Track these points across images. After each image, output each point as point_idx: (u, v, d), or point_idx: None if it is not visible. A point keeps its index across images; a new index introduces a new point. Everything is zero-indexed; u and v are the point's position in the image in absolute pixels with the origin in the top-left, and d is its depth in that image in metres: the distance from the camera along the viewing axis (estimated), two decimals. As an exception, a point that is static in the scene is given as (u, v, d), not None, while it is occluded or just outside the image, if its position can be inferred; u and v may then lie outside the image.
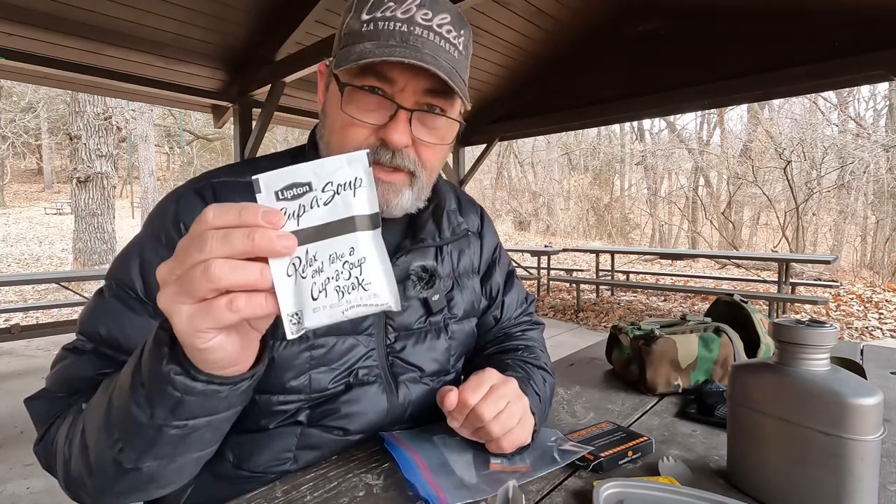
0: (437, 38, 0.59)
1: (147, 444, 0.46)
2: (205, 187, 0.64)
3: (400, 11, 0.58)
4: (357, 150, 0.42)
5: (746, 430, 0.58)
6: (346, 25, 0.61)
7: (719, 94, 4.36)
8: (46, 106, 18.07)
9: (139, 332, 0.57)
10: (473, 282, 0.83)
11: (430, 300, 0.73)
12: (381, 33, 0.58)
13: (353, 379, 0.67)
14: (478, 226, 0.88)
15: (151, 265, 0.59)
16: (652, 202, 17.56)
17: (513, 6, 4.30)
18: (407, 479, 0.58)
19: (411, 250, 0.72)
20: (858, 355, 1.15)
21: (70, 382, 0.57)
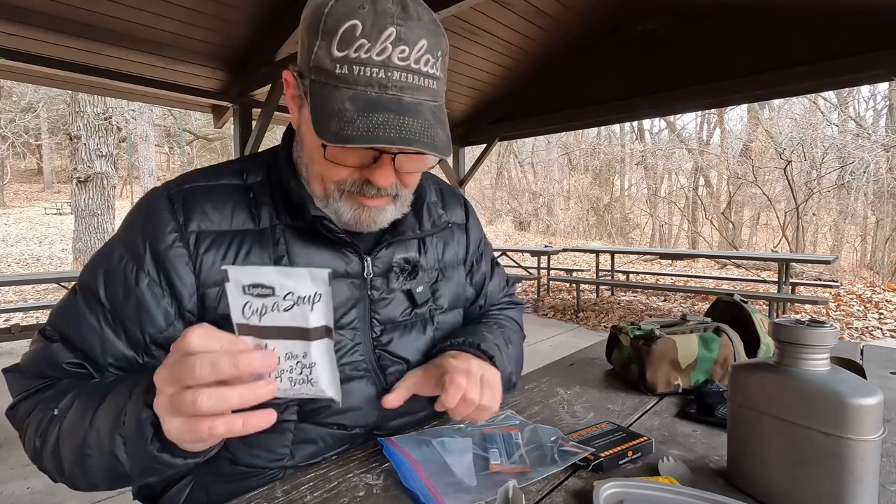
0: (416, 78, 0.57)
1: (123, 480, 0.54)
2: (176, 194, 0.65)
3: (375, 53, 0.55)
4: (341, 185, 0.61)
5: (746, 430, 0.58)
6: (316, 55, 0.57)
7: (719, 94, 4.36)
8: (46, 106, 18.06)
9: (92, 333, 0.60)
10: (458, 273, 0.84)
11: (414, 292, 0.74)
12: (357, 80, 0.55)
13: (341, 375, 0.67)
14: (462, 218, 0.88)
15: (115, 271, 0.61)
16: (652, 202, 17.56)
17: (513, 6, 4.29)
18: (407, 487, 0.58)
19: (392, 243, 0.72)
20: (858, 355, 1.15)
21: (39, 367, 0.61)
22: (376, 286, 0.71)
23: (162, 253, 0.61)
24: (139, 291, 0.61)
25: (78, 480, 0.56)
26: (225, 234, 0.64)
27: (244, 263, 0.63)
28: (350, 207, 0.64)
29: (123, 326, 0.61)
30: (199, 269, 0.62)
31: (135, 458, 0.50)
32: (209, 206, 0.64)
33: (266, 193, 0.68)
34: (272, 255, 0.65)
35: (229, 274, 0.43)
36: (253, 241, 0.65)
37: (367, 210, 0.64)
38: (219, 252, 0.63)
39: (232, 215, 0.65)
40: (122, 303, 0.61)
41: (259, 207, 0.67)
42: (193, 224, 0.63)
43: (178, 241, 0.62)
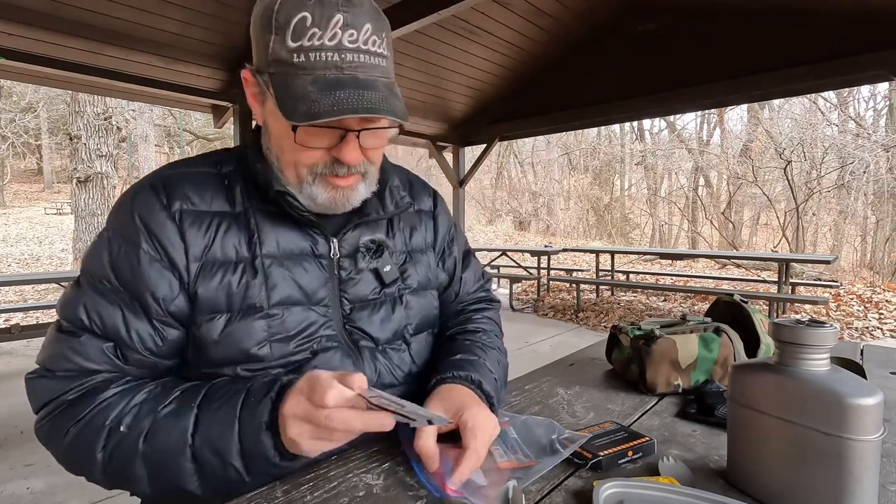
0: (367, 58, 0.63)
1: (228, 486, 0.59)
2: (156, 180, 0.69)
3: (327, 39, 0.60)
4: (313, 168, 0.67)
5: (746, 430, 0.58)
6: (273, 49, 0.62)
7: (719, 94, 4.36)
8: (46, 106, 18.06)
9: (116, 319, 0.64)
10: (428, 257, 0.87)
11: (381, 271, 0.77)
12: (314, 66, 0.61)
13: (317, 346, 0.70)
14: (430, 206, 0.92)
15: (118, 257, 0.65)
16: (652, 202, 17.56)
17: (513, 6, 4.29)
18: (419, 476, 0.59)
19: (358, 225, 0.76)
20: (858, 355, 1.15)
21: (72, 363, 0.63)
22: (344, 266, 0.75)
23: (155, 230, 0.65)
24: (143, 268, 0.65)
25: (142, 490, 0.61)
26: (205, 214, 0.69)
27: (222, 242, 0.68)
28: (324, 190, 0.69)
29: (140, 303, 0.65)
30: (186, 244, 0.66)
31: (256, 465, 0.58)
32: (189, 190, 0.69)
33: (238, 181, 0.72)
34: (245, 236, 0.69)
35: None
36: (230, 221, 0.69)
37: (341, 191, 0.69)
38: (200, 229, 0.67)
39: (210, 198, 0.70)
40: (132, 282, 0.65)
41: (233, 193, 0.71)
42: (177, 204, 0.67)
43: (167, 218, 0.66)
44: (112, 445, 0.59)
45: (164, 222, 0.66)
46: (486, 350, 0.83)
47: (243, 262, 0.68)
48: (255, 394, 0.60)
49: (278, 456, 0.57)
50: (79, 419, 0.61)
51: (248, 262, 0.68)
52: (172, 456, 0.58)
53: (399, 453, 0.67)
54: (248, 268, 0.68)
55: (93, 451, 0.59)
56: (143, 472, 0.59)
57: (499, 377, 0.80)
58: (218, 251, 0.68)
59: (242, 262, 0.68)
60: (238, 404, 0.60)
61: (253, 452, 0.58)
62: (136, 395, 0.62)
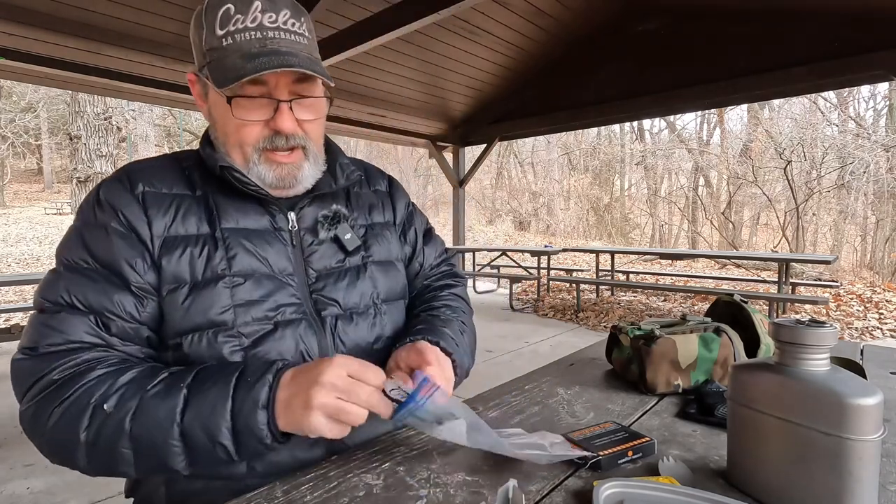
0: (286, 35, 0.70)
1: (215, 465, 0.62)
2: (120, 173, 0.74)
3: (249, 21, 0.68)
4: (255, 145, 0.73)
5: (746, 430, 0.58)
6: (206, 41, 0.70)
7: (719, 94, 4.37)
8: (46, 106, 18.06)
9: (98, 292, 0.66)
10: (390, 232, 0.90)
11: (342, 238, 0.80)
12: (241, 45, 0.68)
13: (280, 318, 0.72)
14: (386, 187, 0.96)
15: (91, 239, 0.69)
16: (652, 202, 17.56)
17: (513, 6, 4.30)
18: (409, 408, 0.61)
19: (314, 199, 0.80)
20: (858, 355, 1.15)
21: (53, 339, 0.64)
22: (306, 240, 0.78)
23: (122, 208, 0.70)
24: (116, 243, 0.68)
25: (126, 471, 0.61)
26: (166, 196, 0.73)
27: (183, 220, 0.72)
28: (269, 168, 0.74)
29: (118, 275, 0.68)
30: (149, 221, 0.70)
31: (246, 444, 0.60)
32: (150, 176, 0.74)
33: (196, 169, 0.78)
34: (205, 214, 0.73)
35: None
36: (190, 203, 0.74)
37: (286, 167, 0.74)
38: (161, 209, 0.71)
39: (171, 183, 0.74)
40: (108, 257, 0.68)
41: (192, 178, 0.76)
42: (140, 186, 0.72)
43: (132, 199, 0.71)
44: (97, 425, 0.59)
45: (130, 202, 0.70)
46: (448, 322, 0.85)
47: (204, 236, 0.72)
48: (252, 374, 0.61)
49: (270, 437, 0.59)
50: (63, 399, 0.61)
51: (208, 236, 0.72)
52: (160, 434, 0.59)
53: (399, 453, 0.67)
54: (208, 241, 0.72)
55: (76, 432, 0.59)
56: (129, 452, 0.59)
57: (460, 343, 0.82)
58: (180, 228, 0.71)
59: (203, 236, 0.72)
60: (232, 383, 0.60)
61: (244, 432, 0.59)
62: (122, 376, 0.62)
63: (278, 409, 0.59)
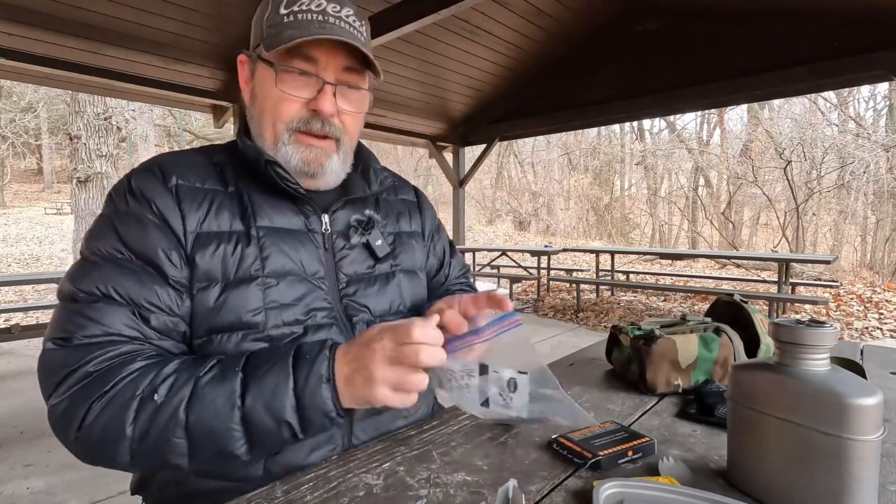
0: (346, 26, 0.71)
1: (276, 445, 0.62)
2: (151, 163, 0.72)
3: (314, 5, 0.70)
4: (289, 124, 0.72)
5: (746, 430, 0.58)
6: (268, 18, 0.72)
7: (719, 94, 4.36)
8: (46, 106, 18.06)
9: (135, 283, 0.64)
10: (416, 244, 0.91)
11: (373, 245, 0.80)
12: (301, 23, 0.69)
13: (311, 322, 0.71)
14: (413, 198, 0.97)
15: (125, 230, 0.66)
16: (652, 202, 17.56)
17: (513, 6, 4.30)
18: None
19: (347, 203, 0.80)
20: (858, 355, 1.15)
21: (94, 325, 0.61)
22: (337, 244, 0.78)
23: (156, 200, 0.67)
24: (151, 234, 0.66)
25: (178, 462, 0.58)
26: (199, 190, 0.71)
27: (216, 216, 0.70)
28: (297, 149, 0.73)
29: (154, 266, 0.66)
30: (183, 215, 0.68)
31: (312, 420, 0.59)
32: (183, 170, 0.72)
33: (229, 165, 0.76)
34: (239, 210, 0.72)
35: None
36: (223, 199, 0.72)
37: (314, 150, 0.73)
38: (194, 203, 0.69)
39: (204, 179, 0.73)
40: (143, 248, 0.66)
41: (225, 175, 0.75)
42: (172, 179, 0.70)
43: (165, 191, 0.69)
44: (145, 417, 0.57)
45: (164, 193, 0.68)
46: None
47: (237, 233, 0.70)
48: (308, 352, 0.61)
49: (335, 410, 0.58)
50: (104, 392, 0.57)
51: (242, 233, 0.70)
52: (219, 420, 0.57)
53: (399, 453, 0.67)
54: (242, 238, 0.70)
55: (122, 426, 0.56)
56: (184, 441, 0.57)
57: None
58: (213, 224, 0.69)
59: (237, 233, 0.70)
60: (290, 362, 0.60)
61: (310, 407, 0.58)
62: (167, 366, 0.60)
63: (339, 384, 0.59)
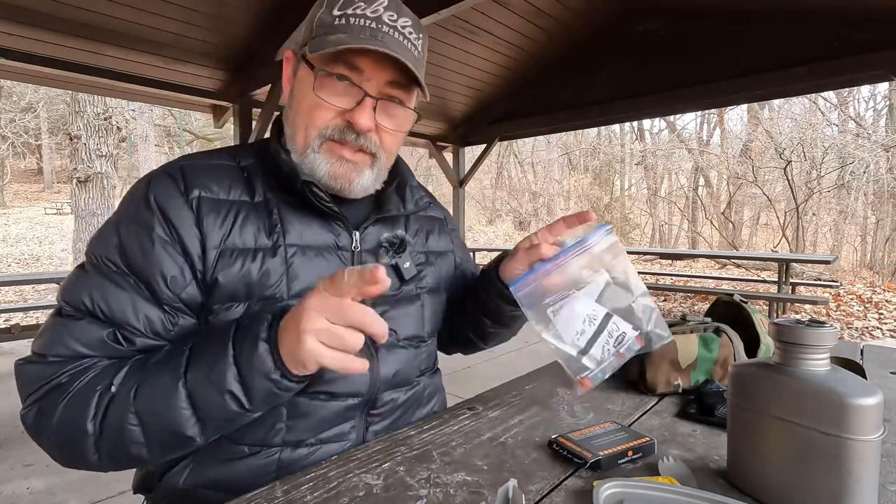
0: (400, 37, 0.67)
1: (228, 422, 0.58)
2: (174, 168, 0.68)
3: (369, 11, 0.65)
4: (322, 131, 0.68)
5: (746, 430, 0.58)
6: (318, 19, 0.67)
7: (719, 94, 4.36)
8: (46, 106, 18.05)
9: (123, 303, 0.62)
10: (444, 262, 0.89)
11: (401, 267, 0.78)
12: (352, 27, 0.65)
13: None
14: (442, 216, 0.95)
15: (128, 241, 0.63)
16: (652, 202, 17.55)
17: (513, 6, 4.29)
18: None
19: (378, 220, 0.77)
20: (858, 355, 1.15)
21: (68, 347, 0.60)
22: (365, 261, 0.74)
23: (171, 215, 0.64)
24: (156, 252, 0.63)
25: (138, 454, 0.58)
26: (223, 203, 0.67)
27: (240, 231, 0.67)
28: (327, 160, 0.68)
29: (149, 287, 0.63)
30: (203, 232, 0.65)
31: (255, 386, 0.55)
32: (207, 178, 0.68)
33: (258, 173, 0.72)
34: (266, 224, 0.68)
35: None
36: (249, 210, 0.68)
37: (345, 164, 0.69)
38: (218, 218, 0.66)
39: (229, 187, 0.69)
40: (142, 266, 0.63)
41: (253, 184, 0.71)
42: (195, 191, 0.66)
43: (184, 204, 0.65)
44: (102, 411, 0.56)
45: (181, 208, 0.64)
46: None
47: (262, 250, 0.67)
48: (249, 318, 0.59)
49: (279, 371, 0.55)
50: (67, 394, 0.58)
51: (268, 250, 0.67)
52: (165, 400, 0.56)
53: (399, 453, 0.67)
54: (268, 256, 0.67)
55: (83, 423, 0.56)
56: (137, 428, 0.56)
57: None
58: (237, 239, 0.66)
59: (262, 250, 0.67)
60: (231, 331, 0.58)
61: (250, 372, 0.55)
62: (128, 362, 0.60)
63: (280, 344, 0.55)
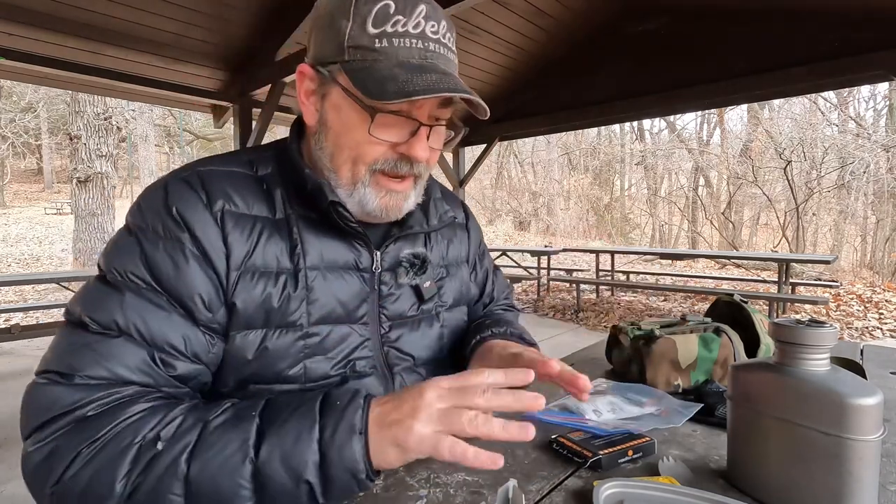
0: (445, 51, 0.62)
1: None
2: (191, 175, 0.63)
3: (411, 26, 0.59)
4: (373, 165, 0.63)
5: (746, 430, 0.58)
6: (350, 37, 0.59)
7: (719, 94, 4.36)
8: (46, 106, 18.06)
9: (161, 322, 0.56)
10: (462, 271, 0.85)
11: (421, 287, 0.74)
12: (398, 52, 0.58)
13: (351, 371, 0.67)
14: (463, 218, 0.90)
15: (156, 257, 0.57)
16: (652, 202, 17.55)
17: (513, 6, 4.29)
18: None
19: (400, 238, 0.72)
20: (858, 355, 1.15)
21: (106, 367, 0.52)
22: (385, 281, 0.71)
23: (197, 229, 0.59)
24: (190, 268, 0.58)
25: None
26: (247, 218, 0.63)
27: (263, 251, 0.63)
28: (377, 194, 0.64)
29: (184, 307, 0.57)
30: (228, 249, 0.60)
31: (336, 480, 0.48)
32: (229, 189, 0.63)
33: (278, 185, 0.67)
34: (287, 246, 0.64)
35: None
36: (272, 228, 0.64)
37: (394, 196, 0.65)
38: (243, 234, 0.62)
39: (251, 201, 0.64)
40: (175, 284, 0.57)
41: (273, 197, 0.66)
42: (218, 203, 0.61)
43: (209, 217, 0.60)
44: (140, 469, 0.47)
45: (207, 222, 0.59)
46: (511, 322, 0.85)
47: (285, 273, 0.63)
48: (340, 398, 0.51)
49: (365, 470, 0.48)
50: (97, 438, 0.48)
51: (290, 273, 0.63)
52: (227, 474, 0.47)
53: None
54: (289, 280, 0.63)
55: (112, 480, 0.47)
56: (181, 500, 0.47)
57: (530, 337, 0.83)
58: (259, 259, 0.62)
59: (284, 273, 0.63)
60: (317, 408, 0.50)
61: (336, 464, 0.47)
62: (175, 409, 0.52)
63: (371, 439, 0.48)
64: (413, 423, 0.46)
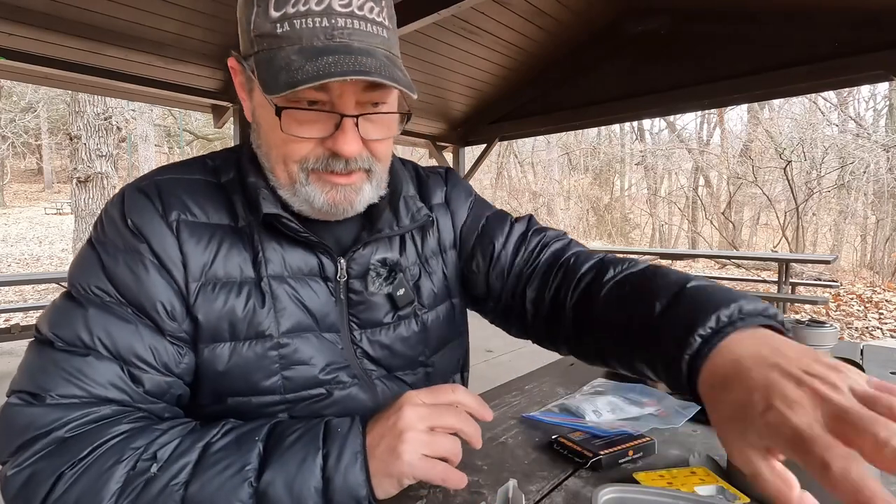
0: (361, 24, 0.54)
1: None
2: (148, 185, 0.61)
3: (314, 3, 0.52)
4: (304, 164, 0.58)
5: (747, 430, 0.58)
6: (255, 24, 0.55)
7: (719, 94, 4.36)
8: (46, 106, 18.06)
9: (128, 335, 0.54)
10: (444, 260, 0.77)
11: (395, 296, 0.69)
12: (301, 34, 0.52)
13: (331, 381, 0.64)
14: (442, 198, 0.80)
15: (116, 268, 0.56)
16: (652, 202, 17.55)
17: (513, 6, 4.29)
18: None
19: (369, 242, 0.67)
20: (858, 355, 1.15)
21: (79, 385, 0.51)
22: (354, 289, 0.67)
23: (153, 240, 0.57)
24: (150, 278, 0.57)
25: None
26: (205, 227, 0.60)
27: (224, 261, 0.60)
28: (321, 190, 0.59)
29: (149, 317, 0.56)
30: (185, 259, 0.58)
31: (338, 500, 0.48)
32: (186, 197, 0.61)
33: (238, 191, 0.64)
34: (249, 255, 0.62)
35: None
36: (233, 237, 0.62)
37: (341, 190, 0.59)
38: (199, 244, 0.59)
39: (210, 209, 0.62)
40: (137, 294, 0.56)
41: (234, 204, 0.63)
42: (174, 213, 0.59)
43: (165, 231, 0.58)
44: (133, 490, 0.46)
45: (164, 233, 0.58)
46: (686, 277, 0.55)
47: (248, 283, 0.61)
48: (340, 424, 0.52)
49: (368, 496, 0.48)
50: (79, 459, 0.48)
51: (253, 283, 0.61)
52: (225, 496, 0.46)
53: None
54: (254, 290, 0.61)
55: (99, 502, 0.46)
56: None
57: (708, 286, 0.52)
58: (220, 270, 0.60)
59: (248, 283, 0.61)
60: (320, 434, 0.50)
61: (340, 489, 0.48)
62: (173, 429, 0.51)
63: (370, 463, 0.49)
64: (401, 453, 0.49)
